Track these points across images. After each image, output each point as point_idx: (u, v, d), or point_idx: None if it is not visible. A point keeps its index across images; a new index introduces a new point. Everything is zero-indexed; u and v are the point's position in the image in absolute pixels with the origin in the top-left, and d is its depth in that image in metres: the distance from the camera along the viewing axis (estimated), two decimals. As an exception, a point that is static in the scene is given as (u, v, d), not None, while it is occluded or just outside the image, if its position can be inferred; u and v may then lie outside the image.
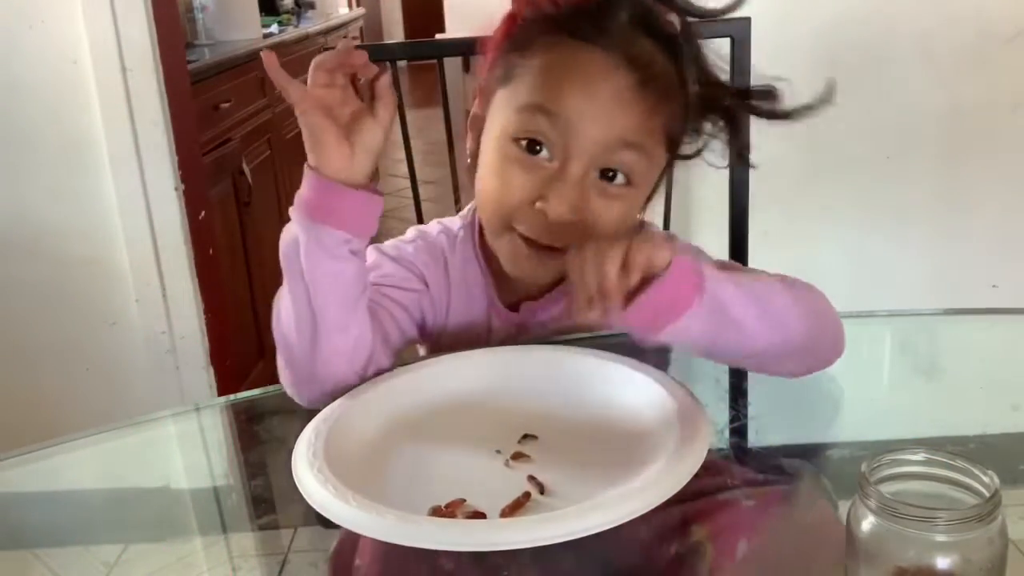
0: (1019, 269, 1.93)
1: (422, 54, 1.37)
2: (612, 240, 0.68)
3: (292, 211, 0.78)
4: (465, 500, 0.65)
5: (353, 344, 0.81)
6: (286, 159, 2.84)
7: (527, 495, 0.66)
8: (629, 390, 0.77)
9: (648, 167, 0.86)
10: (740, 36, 1.19)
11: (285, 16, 3.84)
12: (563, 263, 0.84)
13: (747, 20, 1.19)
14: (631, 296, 0.67)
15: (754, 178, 1.24)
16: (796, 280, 0.80)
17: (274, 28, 3.48)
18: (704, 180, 1.66)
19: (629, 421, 0.75)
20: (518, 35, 0.87)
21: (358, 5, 5.72)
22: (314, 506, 0.63)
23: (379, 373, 0.83)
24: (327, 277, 0.78)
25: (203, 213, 1.97)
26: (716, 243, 1.30)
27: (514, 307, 0.95)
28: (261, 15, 3.36)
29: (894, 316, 1.17)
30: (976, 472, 0.49)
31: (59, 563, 0.75)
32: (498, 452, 0.73)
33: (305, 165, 0.78)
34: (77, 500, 0.82)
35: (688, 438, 0.67)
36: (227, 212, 2.37)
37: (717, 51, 0.89)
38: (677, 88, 0.84)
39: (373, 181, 0.80)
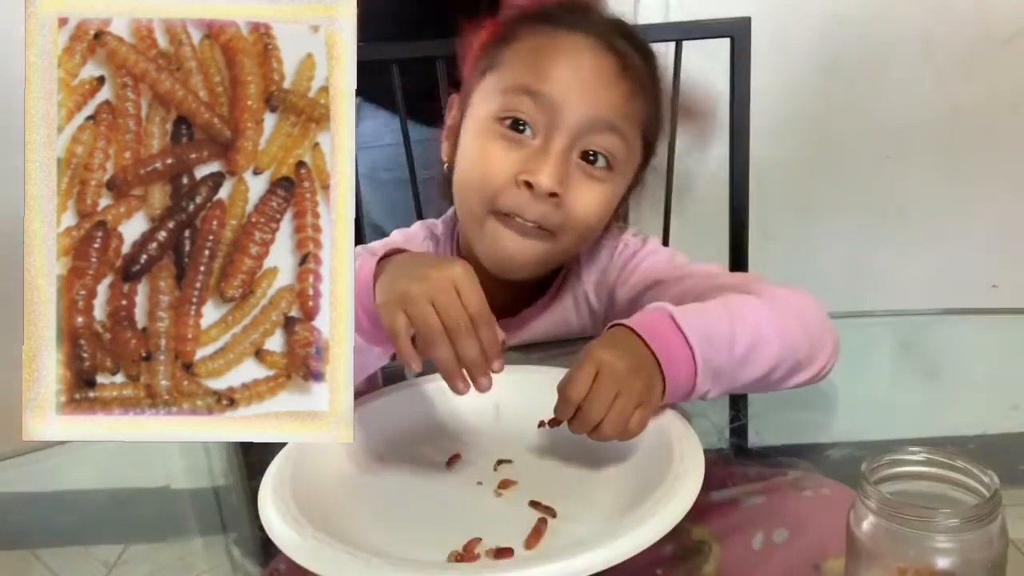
0: (1019, 269, 1.93)
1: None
2: (627, 387, 0.66)
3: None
4: (482, 539, 0.61)
5: None
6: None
7: (543, 521, 0.63)
8: None
9: (627, 155, 0.88)
10: (740, 36, 1.19)
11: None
12: (545, 252, 0.87)
13: (747, 20, 1.19)
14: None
15: (754, 178, 1.24)
16: (774, 291, 0.79)
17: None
18: (704, 179, 1.66)
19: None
20: (501, 32, 0.90)
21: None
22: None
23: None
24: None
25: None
26: (716, 243, 1.29)
27: None
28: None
29: (894, 316, 1.17)
30: (976, 472, 0.49)
31: (59, 563, 0.74)
32: (480, 484, 0.69)
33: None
34: (77, 500, 0.82)
35: (683, 435, 0.67)
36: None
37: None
38: (650, 87, 0.90)
39: None
